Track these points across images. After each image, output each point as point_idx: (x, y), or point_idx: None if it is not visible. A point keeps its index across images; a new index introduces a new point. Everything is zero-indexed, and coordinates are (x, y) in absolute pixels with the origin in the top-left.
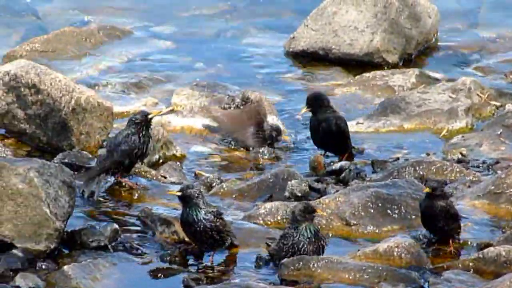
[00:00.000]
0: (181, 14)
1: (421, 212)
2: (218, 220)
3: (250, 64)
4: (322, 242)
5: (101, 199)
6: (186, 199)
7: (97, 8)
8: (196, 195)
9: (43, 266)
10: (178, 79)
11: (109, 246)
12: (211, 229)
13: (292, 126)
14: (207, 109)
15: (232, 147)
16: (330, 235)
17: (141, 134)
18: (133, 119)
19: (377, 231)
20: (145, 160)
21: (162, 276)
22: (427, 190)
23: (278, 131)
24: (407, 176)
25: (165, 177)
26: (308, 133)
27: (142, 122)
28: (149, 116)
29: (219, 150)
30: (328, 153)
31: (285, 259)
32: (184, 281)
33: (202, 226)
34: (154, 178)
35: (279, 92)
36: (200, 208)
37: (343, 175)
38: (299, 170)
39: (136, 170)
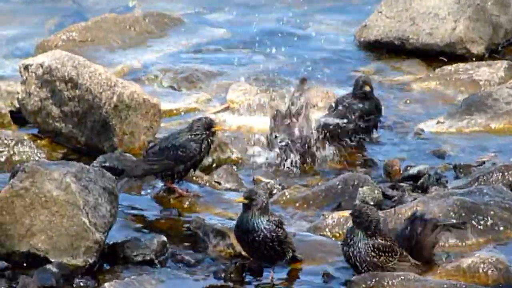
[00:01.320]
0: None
1: None
2: (280, 229)
3: (315, 56)
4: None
5: (147, 208)
6: (250, 205)
7: None
8: (265, 202)
9: (81, 283)
10: (234, 73)
11: (156, 261)
12: (272, 239)
13: None
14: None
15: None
16: None
17: (203, 143)
18: (198, 125)
19: (460, 244)
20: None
21: None
22: None
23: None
24: (494, 182)
25: (220, 183)
26: (382, 133)
27: (206, 131)
28: (212, 130)
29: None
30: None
31: (355, 276)
32: None
33: (262, 236)
34: (207, 184)
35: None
36: (263, 215)
37: (421, 181)
38: (371, 175)
39: (188, 176)
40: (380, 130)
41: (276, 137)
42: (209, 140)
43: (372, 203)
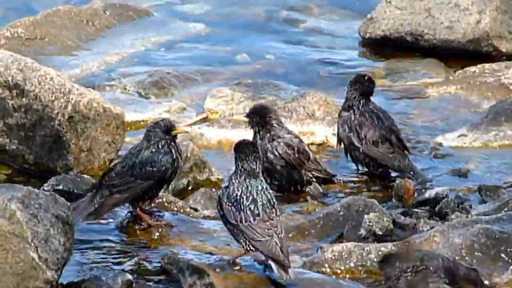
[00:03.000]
0: None
1: None
2: None
3: (311, 56)
4: None
5: (109, 240)
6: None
7: None
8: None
9: None
10: (214, 77)
11: None
12: None
13: None
14: None
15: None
16: None
17: (171, 151)
18: (154, 131)
19: (487, 282)
20: (169, 187)
21: None
22: None
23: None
24: None
25: (196, 210)
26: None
27: (166, 136)
28: (172, 133)
29: None
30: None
31: None
32: None
33: None
34: (181, 210)
35: None
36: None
37: (439, 206)
38: (379, 199)
39: (157, 201)
40: None
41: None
42: (173, 147)
43: (380, 233)
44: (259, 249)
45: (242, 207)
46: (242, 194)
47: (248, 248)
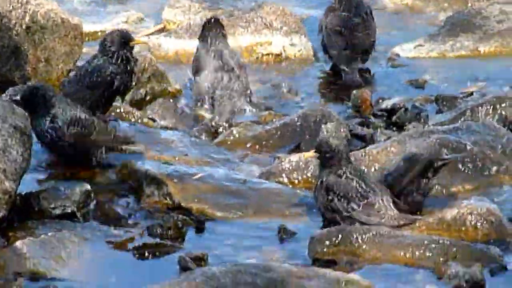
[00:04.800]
0: None
1: None
2: None
3: None
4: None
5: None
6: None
7: None
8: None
9: None
10: None
11: (78, 214)
12: None
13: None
14: None
15: None
16: None
17: (122, 63)
18: (110, 41)
19: (443, 192)
20: (127, 97)
21: (150, 255)
22: None
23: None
24: (484, 117)
25: (154, 120)
26: None
27: (122, 47)
28: (131, 44)
29: None
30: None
31: (318, 231)
32: (181, 262)
33: None
34: (139, 121)
35: (310, 4)
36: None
37: (397, 116)
38: (337, 110)
39: (114, 111)
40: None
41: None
42: (129, 58)
43: (341, 142)
44: None
45: None
46: None
47: None
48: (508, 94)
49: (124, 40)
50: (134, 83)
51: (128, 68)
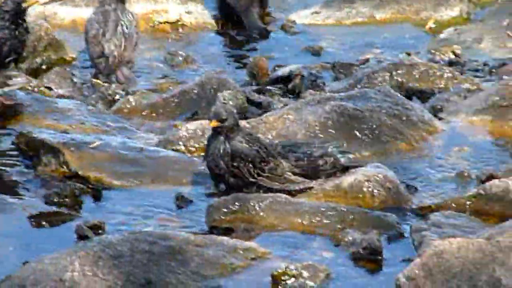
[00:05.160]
0: None
1: None
2: None
3: None
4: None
5: None
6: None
7: None
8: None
9: None
10: None
11: None
12: None
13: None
14: None
15: None
16: None
17: (12, 26)
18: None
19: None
20: (23, 66)
21: (47, 223)
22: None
23: None
24: (380, 84)
25: (51, 89)
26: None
27: (12, 12)
28: (23, 5)
29: None
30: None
31: (215, 199)
32: (78, 230)
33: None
34: (35, 89)
35: None
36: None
37: (293, 83)
38: (234, 78)
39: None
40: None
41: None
42: (22, 21)
43: (234, 110)
44: None
45: None
46: None
47: None
48: (404, 61)
49: (17, 1)
50: (25, 51)
51: (18, 34)
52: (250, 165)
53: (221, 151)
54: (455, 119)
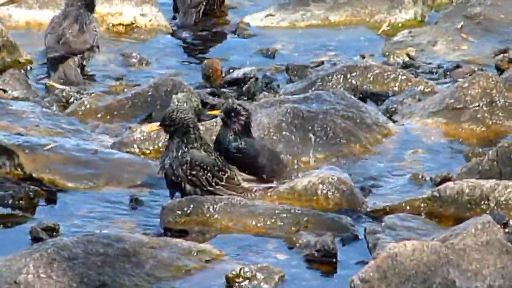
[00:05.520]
0: None
1: None
2: None
3: None
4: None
5: None
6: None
7: None
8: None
9: None
10: None
11: None
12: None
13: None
14: None
15: None
16: None
17: None
18: None
19: (294, 161)
20: None
21: (2, 225)
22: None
23: None
24: (335, 87)
25: (5, 91)
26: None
27: None
28: None
29: None
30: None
31: (169, 201)
32: (32, 232)
33: None
34: None
35: None
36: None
37: (247, 85)
38: (188, 80)
39: None
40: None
41: None
42: None
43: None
44: None
45: None
46: None
47: None
48: (359, 64)
49: None
50: None
51: None
52: (209, 174)
53: (179, 157)
54: (409, 121)
